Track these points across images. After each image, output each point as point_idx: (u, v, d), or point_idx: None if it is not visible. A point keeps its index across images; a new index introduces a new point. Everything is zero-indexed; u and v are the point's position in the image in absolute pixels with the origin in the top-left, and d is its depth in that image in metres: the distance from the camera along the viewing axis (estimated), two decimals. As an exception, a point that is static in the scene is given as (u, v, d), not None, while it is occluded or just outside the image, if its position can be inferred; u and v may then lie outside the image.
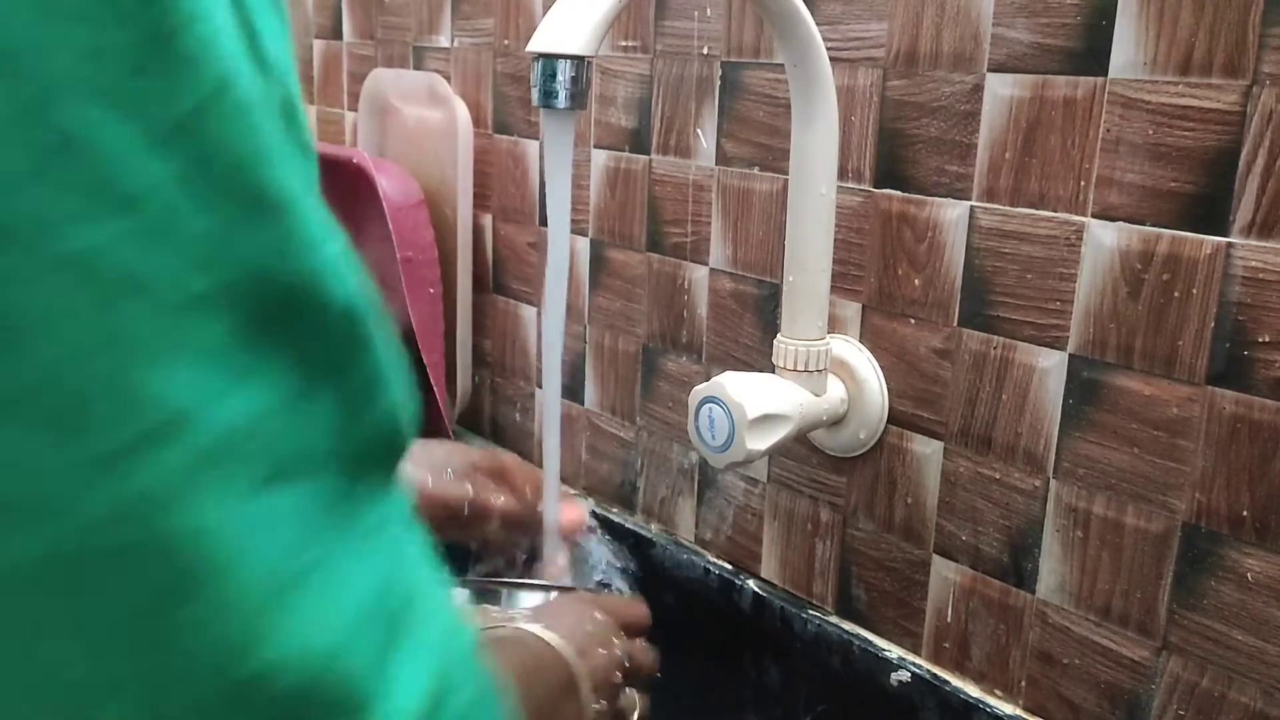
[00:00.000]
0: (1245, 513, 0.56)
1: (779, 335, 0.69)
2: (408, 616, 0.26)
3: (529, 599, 0.67)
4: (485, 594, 0.68)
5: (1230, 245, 0.55)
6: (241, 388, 0.22)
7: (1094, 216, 0.60)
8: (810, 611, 0.77)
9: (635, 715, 0.65)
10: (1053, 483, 0.64)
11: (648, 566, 0.87)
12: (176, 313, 0.21)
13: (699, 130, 0.80)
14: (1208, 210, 0.55)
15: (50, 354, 0.20)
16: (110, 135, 0.20)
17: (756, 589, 0.80)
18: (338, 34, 1.19)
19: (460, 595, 0.68)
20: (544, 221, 0.96)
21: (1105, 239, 0.59)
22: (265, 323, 0.22)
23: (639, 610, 0.68)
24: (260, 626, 0.22)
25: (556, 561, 0.71)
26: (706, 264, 0.82)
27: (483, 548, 0.73)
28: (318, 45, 1.23)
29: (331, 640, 0.23)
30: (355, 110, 1.13)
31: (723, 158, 0.79)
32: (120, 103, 0.20)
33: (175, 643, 0.21)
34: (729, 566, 0.83)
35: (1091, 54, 0.59)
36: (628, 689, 0.64)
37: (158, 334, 0.21)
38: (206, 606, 0.21)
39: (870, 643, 0.74)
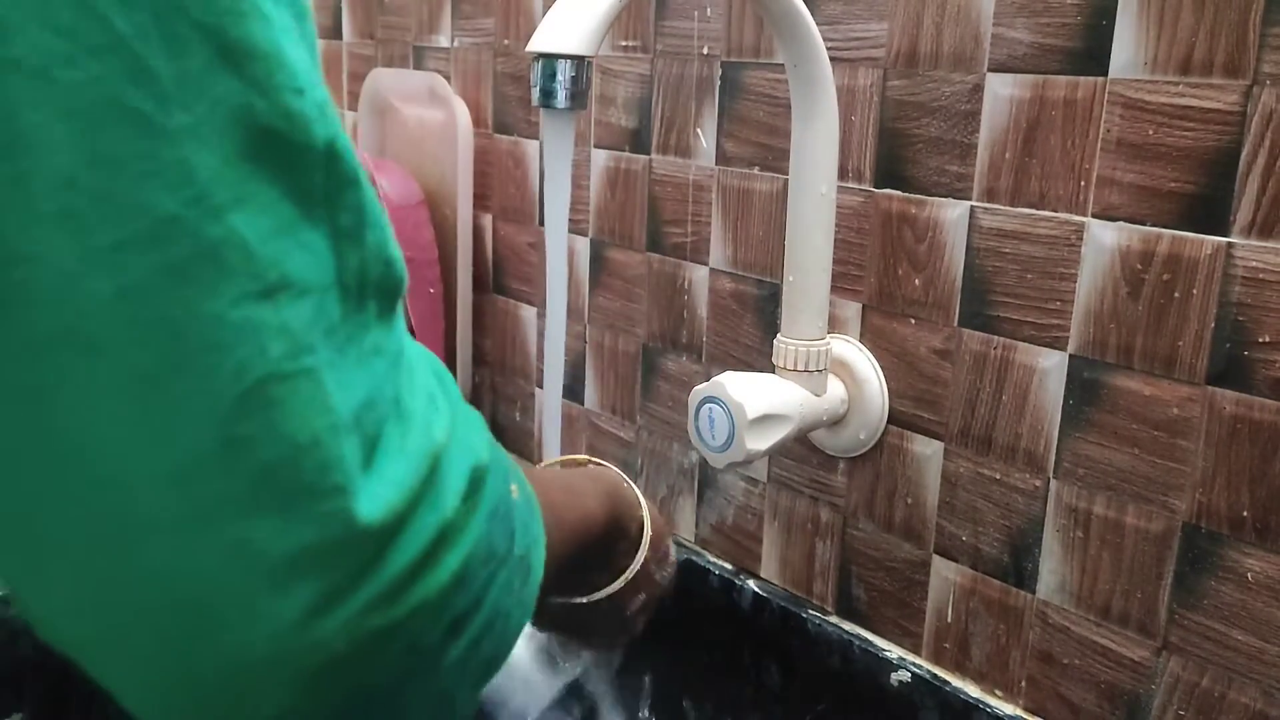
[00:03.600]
0: (1245, 513, 0.56)
1: (779, 335, 0.69)
2: (397, 430, 0.30)
3: None
4: None
5: (1230, 245, 0.55)
6: (236, 210, 0.26)
7: (1094, 216, 0.60)
8: (810, 611, 0.77)
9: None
10: (1053, 483, 0.64)
11: (648, 566, 0.87)
12: (165, 140, 0.25)
13: (699, 130, 0.80)
14: (1208, 210, 0.55)
15: (62, 165, 0.24)
16: None
17: (756, 589, 0.80)
18: (338, 34, 1.19)
19: None
20: (544, 221, 0.96)
21: (1105, 239, 0.59)
22: (255, 157, 0.26)
23: None
24: (244, 406, 0.26)
25: None
26: (706, 264, 0.82)
27: None
28: (318, 45, 1.23)
29: (312, 433, 0.27)
30: (355, 110, 1.13)
31: (723, 158, 0.79)
32: None
33: (185, 399, 0.25)
34: (729, 566, 0.83)
35: (1092, 54, 0.59)
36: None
37: (147, 157, 0.25)
38: (203, 380, 0.25)
39: (870, 643, 0.74)
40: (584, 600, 0.59)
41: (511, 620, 0.35)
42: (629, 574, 0.60)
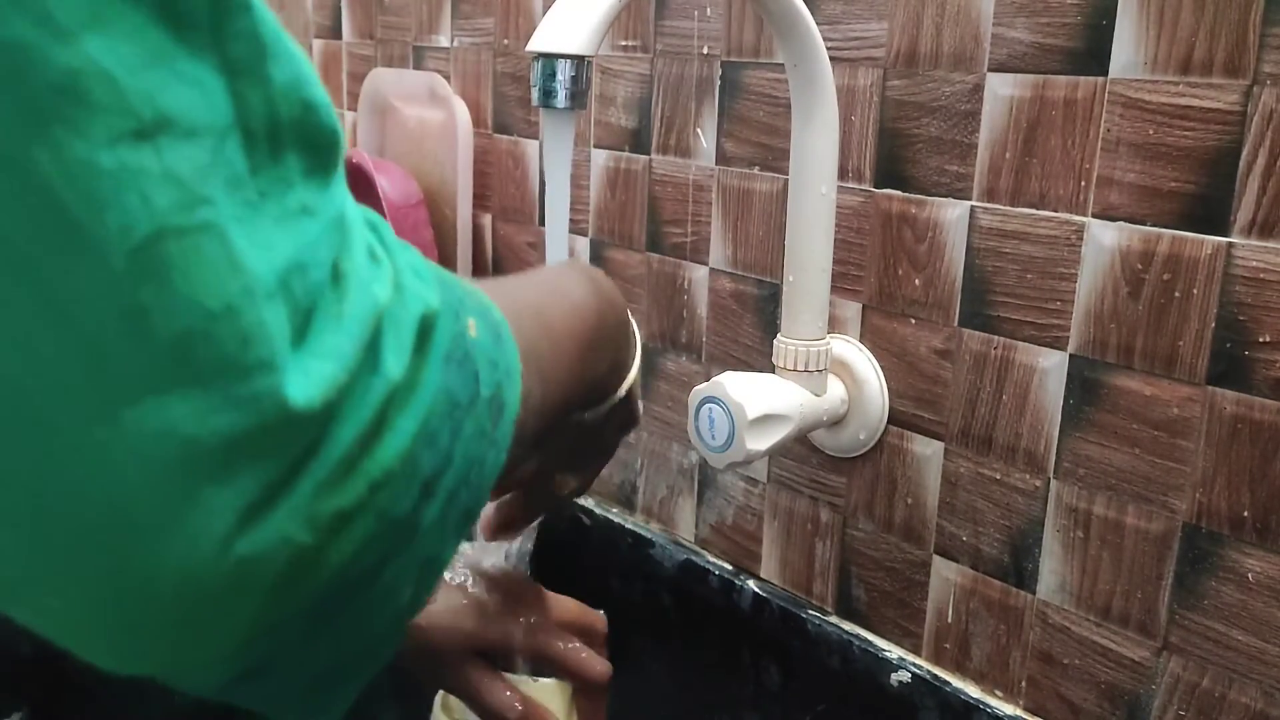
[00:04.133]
0: (1246, 513, 0.56)
1: (779, 335, 0.69)
2: (334, 296, 0.26)
3: None
4: None
5: (1231, 245, 0.55)
6: (93, 34, 0.22)
7: (1094, 216, 0.60)
8: (810, 611, 0.77)
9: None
10: (1053, 483, 0.64)
11: (648, 566, 0.87)
12: None
13: (699, 130, 0.80)
14: (1208, 210, 0.55)
15: None
16: None
17: (756, 589, 0.80)
18: (337, 34, 1.19)
19: None
20: (544, 221, 0.95)
21: (1106, 239, 0.59)
22: None
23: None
24: (137, 268, 0.23)
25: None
26: (706, 264, 0.82)
27: None
28: (317, 45, 1.23)
29: (224, 298, 0.23)
30: (355, 110, 1.13)
31: (723, 158, 0.79)
32: None
33: (70, 267, 0.22)
34: (729, 566, 0.83)
35: (1092, 54, 0.59)
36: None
37: None
38: (85, 241, 0.22)
39: (870, 643, 0.74)
40: (618, 396, 0.53)
41: (486, 465, 0.33)
42: (637, 352, 0.54)
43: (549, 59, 0.57)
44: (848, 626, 0.75)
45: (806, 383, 0.69)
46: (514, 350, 0.36)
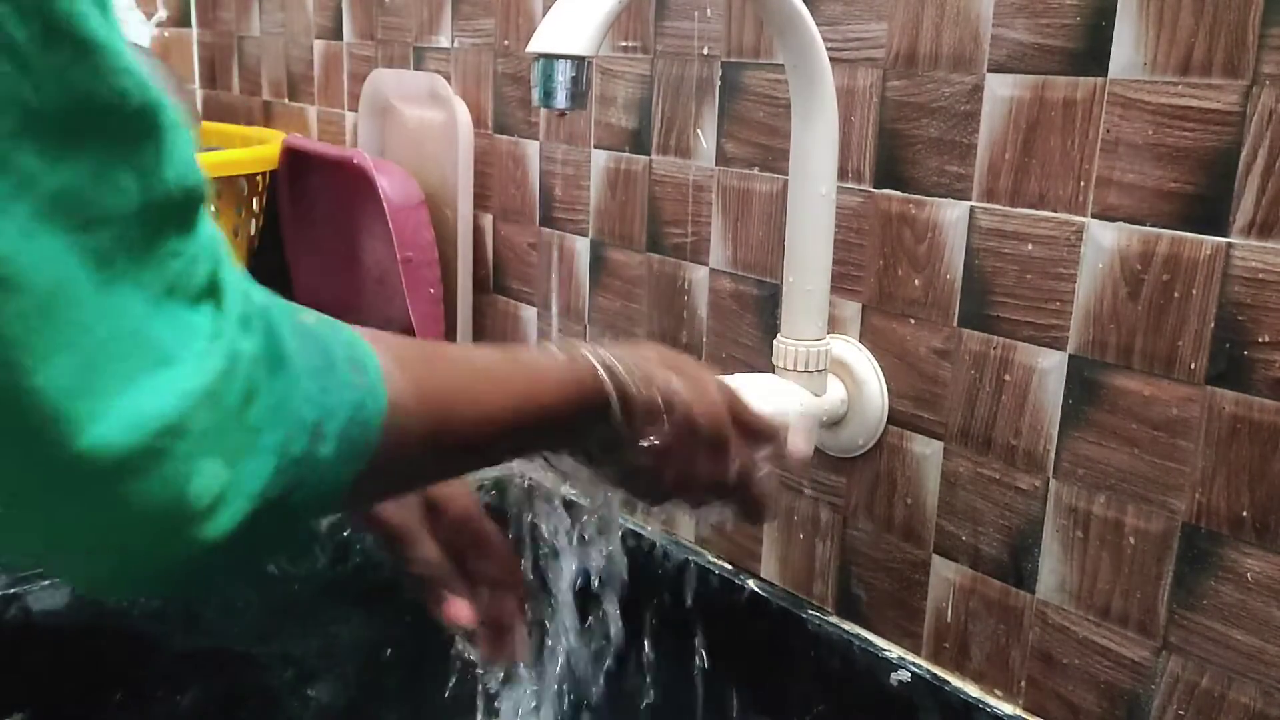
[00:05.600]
0: (1245, 513, 0.56)
1: (779, 335, 0.69)
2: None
3: None
4: None
5: (1230, 245, 0.55)
6: (57, 167, 0.28)
7: (1094, 217, 0.60)
8: (810, 611, 0.77)
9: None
10: (1052, 483, 0.64)
11: (648, 566, 0.87)
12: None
13: (699, 130, 0.80)
14: (1207, 211, 0.55)
15: None
16: None
17: (756, 589, 0.80)
18: (338, 34, 1.19)
19: None
20: (544, 222, 0.96)
21: (1105, 239, 0.59)
22: (72, 125, 0.29)
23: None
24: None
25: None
26: (706, 264, 0.82)
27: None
28: (318, 45, 1.23)
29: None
30: (356, 111, 1.14)
31: (723, 158, 0.79)
32: None
33: None
34: (729, 566, 0.83)
35: (1091, 54, 0.59)
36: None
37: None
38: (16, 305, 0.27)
39: (870, 643, 0.74)
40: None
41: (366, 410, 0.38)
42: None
43: (549, 59, 0.57)
44: (848, 626, 0.76)
45: (806, 383, 0.69)
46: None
